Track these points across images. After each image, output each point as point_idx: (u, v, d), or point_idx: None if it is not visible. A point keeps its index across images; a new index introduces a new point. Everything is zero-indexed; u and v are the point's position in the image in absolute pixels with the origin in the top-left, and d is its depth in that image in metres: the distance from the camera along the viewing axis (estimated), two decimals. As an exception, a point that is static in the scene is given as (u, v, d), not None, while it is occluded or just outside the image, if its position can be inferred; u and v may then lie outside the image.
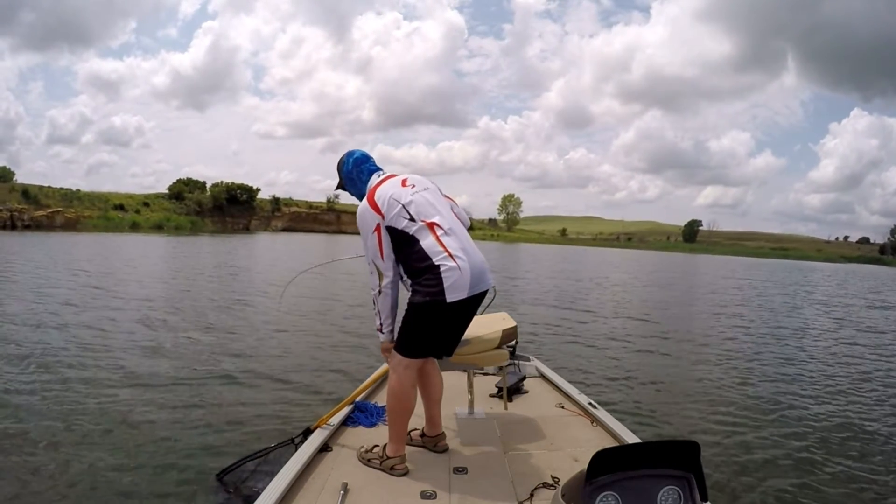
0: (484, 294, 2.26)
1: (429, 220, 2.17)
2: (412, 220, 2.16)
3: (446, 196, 2.42)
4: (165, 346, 6.09)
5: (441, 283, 2.08)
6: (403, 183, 2.26)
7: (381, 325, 2.31)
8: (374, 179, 2.33)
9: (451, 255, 2.11)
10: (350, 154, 2.42)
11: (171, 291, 11.14)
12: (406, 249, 2.18)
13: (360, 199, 2.31)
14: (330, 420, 2.68)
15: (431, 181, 2.37)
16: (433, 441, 2.49)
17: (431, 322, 2.19)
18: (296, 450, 2.82)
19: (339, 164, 2.44)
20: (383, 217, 2.17)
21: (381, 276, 2.22)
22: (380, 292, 2.24)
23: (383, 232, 2.18)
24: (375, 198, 2.21)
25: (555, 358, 6.14)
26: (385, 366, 3.60)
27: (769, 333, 9.28)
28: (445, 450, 2.47)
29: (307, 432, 2.61)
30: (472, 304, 2.22)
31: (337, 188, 2.47)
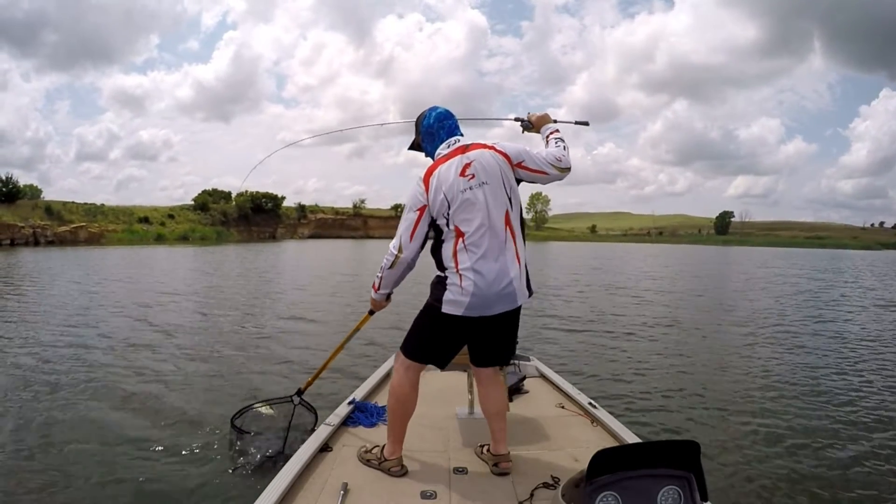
0: (495, 319, 2.09)
1: (460, 228, 2.05)
2: (447, 222, 2.06)
3: (517, 166, 2.13)
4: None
5: (443, 292, 2.07)
6: (464, 170, 2.07)
7: (378, 285, 2.26)
8: (443, 150, 2.16)
9: (458, 272, 2.03)
10: (433, 109, 2.27)
11: (199, 296, 11.40)
12: (438, 247, 2.12)
13: (434, 159, 2.18)
14: (330, 420, 2.69)
15: (502, 164, 2.11)
16: (494, 459, 2.27)
17: (429, 326, 2.17)
18: (294, 410, 3.07)
19: (418, 119, 2.29)
20: (428, 204, 2.08)
21: (400, 249, 2.11)
22: (392, 265, 2.14)
23: (425, 216, 2.09)
24: (430, 178, 2.08)
25: (554, 357, 6.00)
26: (385, 366, 3.65)
27: (784, 329, 8.62)
28: (506, 473, 2.22)
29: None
30: (471, 325, 2.10)
31: (411, 147, 2.35)
